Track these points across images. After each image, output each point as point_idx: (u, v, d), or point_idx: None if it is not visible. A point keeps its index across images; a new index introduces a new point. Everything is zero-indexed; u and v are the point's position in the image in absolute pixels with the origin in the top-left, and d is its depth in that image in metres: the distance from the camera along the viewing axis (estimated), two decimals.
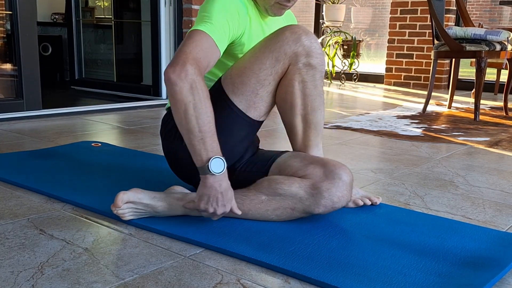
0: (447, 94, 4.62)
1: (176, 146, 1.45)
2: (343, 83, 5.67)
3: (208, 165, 1.22)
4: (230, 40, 1.35)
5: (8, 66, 3.02)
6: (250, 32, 1.42)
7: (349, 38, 5.67)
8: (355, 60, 5.55)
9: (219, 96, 1.39)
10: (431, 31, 3.58)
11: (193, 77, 1.20)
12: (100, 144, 2.26)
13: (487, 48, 3.25)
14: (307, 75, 1.37)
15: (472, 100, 4.40)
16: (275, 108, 1.47)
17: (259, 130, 1.52)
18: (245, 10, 1.38)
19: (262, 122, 1.48)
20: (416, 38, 5.49)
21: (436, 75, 5.09)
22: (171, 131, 1.45)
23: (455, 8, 5.21)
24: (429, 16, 4.73)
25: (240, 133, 1.42)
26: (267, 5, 1.41)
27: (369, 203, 1.53)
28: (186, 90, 1.20)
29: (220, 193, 1.25)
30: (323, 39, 5.65)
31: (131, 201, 1.33)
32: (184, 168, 1.47)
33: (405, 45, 5.58)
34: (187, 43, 1.25)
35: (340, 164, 1.34)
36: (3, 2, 2.92)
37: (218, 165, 1.23)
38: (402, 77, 5.67)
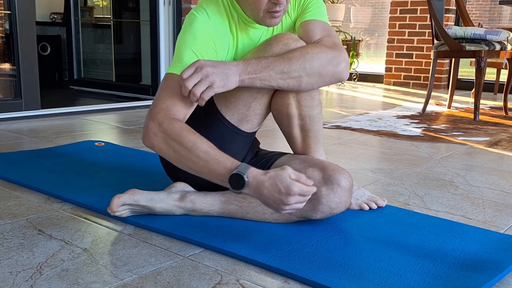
0: (447, 94, 4.62)
1: None
2: (342, 83, 5.67)
3: (230, 188, 1.15)
4: None
5: (6, 66, 3.01)
6: (236, 47, 1.36)
7: (349, 37, 5.67)
8: (355, 59, 5.55)
9: (210, 111, 1.37)
10: (430, 30, 3.58)
11: (160, 132, 1.20)
12: (103, 144, 2.26)
13: (486, 48, 3.25)
14: None
15: (471, 100, 4.40)
16: None
17: (259, 130, 1.51)
18: (224, 29, 1.32)
19: (255, 132, 1.46)
20: (415, 38, 5.49)
21: (435, 75, 5.08)
22: None
23: (454, 7, 5.21)
24: (428, 15, 4.74)
25: (235, 146, 1.40)
26: (257, 18, 1.29)
27: (375, 207, 1.50)
28: (164, 147, 1.21)
29: (269, 194, 1.12)
30: None
31: (127, 203, 1.33)
32: (175, 172, 1.46)
33: (405, 45, 5.57)
34: (159, 91, 1.27)
35: (340, 168, 1.32)
36: (2, 1, 2.91)
37: (236, 183, 1.13)
38: (402, 77, 5.67)
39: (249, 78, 1.24)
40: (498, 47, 3.30)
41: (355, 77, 5.75)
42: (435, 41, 3.53)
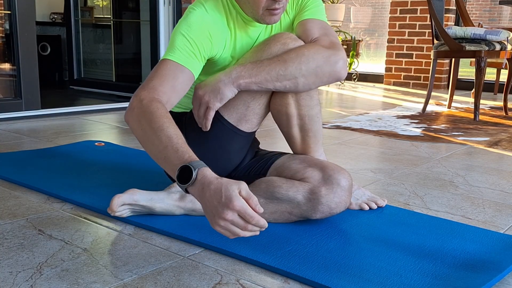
0: (447, 94, 4.62)
1: None
2: (342, 83, 5.67)
3: (176, 181, 1.06)
4: (203, 57, 1.29)
5: (6, 66, 3.01)
6: (234, 44, 1.35)
7: (349, 37, 5.67)
8: (355, 59, 5.55)
9: None
10: (430, 30, 3.58)
11: (137, 108, 1.16)
12: (103, 144, 2.26)
13: (486, 48, 3.25)
14: None
15: (471, 100, 4.40)
16: None
17: (258, 130, 1.51)
18: (222, 24, 1.32)
19: (255, 132, 1.46)
20: (415, 38, 5.49)
21: (435, 75, 5.08)
22: None
23: (454, 7, 5.21)
24: (428, 15, 4.74)
25: (234, 146, 1.40)
26: (256, 15, 1.28)
27: (375, 207, 1.50)
28: (136, 124, 1.16)
29: (210, 198, 0.99)
30: None
31: (127, 203, 1.33)
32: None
33: (405, 45, 5.58)
34: (150, 74, 1.25)
35: (339, 168, 1.32)
36: (2, 1, 2.91)
37: (184, 176, 1.03)
38: (402, 77, 5.67)
39: (245, 83, 1.27)
40: (498, 47, 3.30)
41: (355, 77, 5.75)
42: (435, 41, 3.53)
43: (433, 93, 4.83)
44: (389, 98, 4.55)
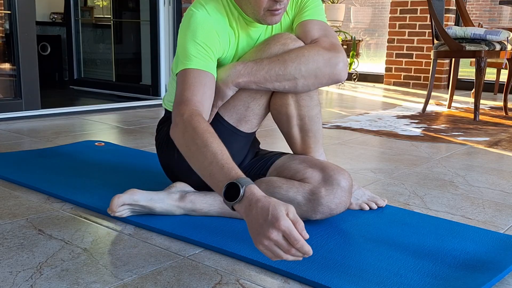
0: (447, 94, 4.62)
1: (167, 154, 1.43)
2: (342, 83, 5.67)
3: (223, 199, 1.03)
4: (216, 57, 1.29)
5: (6, 66, 3.01)
6: (237, 44, 1.35)
7: (349, 37, 5.67)
8: (355, 59, 5.55)
9: None
10: (430, 30, 3.58)
11: (181, 123, 1.16)
12: (103, 144, 2.26)
13: (486, 48, 3.25)
14: None
15: (471, 100, 4.40)
16: None
17: (258, 130, 1.51)
18: (225, 25, 1.31)
19: (255, 132, 1.46)
20: (415, 38, 5.49)
21: (435, 75, 5.08)
22: (163, 138, 1.44)
23: (454, 7, 5.21)
24: (428, 15, 4.73)
25: (234, 146, 1.39)
26: (257, 16, 1.27)
27: (375, 207, 1.50)
28: (181, 140, 1.16)
29: (255, 216, 0.96)
30: None
31: (126, 203, 1.33)
32: (174, 175, 1.46)
33: (405, 45, 5.57)
34: (177, 88, 1.24)
35: (340, 169, 1.32)
36: (2, 1, 2.91)
37: (231, 193, 1.01)
38: (402, 77, 5.67)
39: (244, 82, 1.27)
40: (498, 47, 3.30)
41: (355, 77, 5.75)
42: (435, 41, 3.53)
43: (433, 93, 4.83)
44: (389, 98, 4.55)
